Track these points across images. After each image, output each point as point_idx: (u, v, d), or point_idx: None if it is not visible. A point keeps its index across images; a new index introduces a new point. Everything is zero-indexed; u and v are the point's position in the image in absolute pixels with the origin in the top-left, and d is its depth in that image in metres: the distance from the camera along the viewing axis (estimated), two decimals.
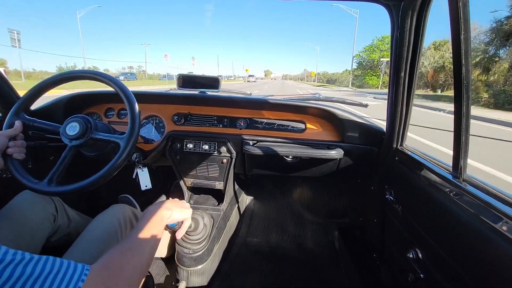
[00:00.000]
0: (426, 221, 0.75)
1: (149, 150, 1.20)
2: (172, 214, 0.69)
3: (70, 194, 0.74)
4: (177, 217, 0.72)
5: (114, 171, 0.76)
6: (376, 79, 31.14)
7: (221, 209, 1.34)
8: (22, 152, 0.76)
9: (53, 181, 0.75)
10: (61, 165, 0.77)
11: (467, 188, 0.64)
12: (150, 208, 0.66)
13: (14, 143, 0.74)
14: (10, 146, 0.73)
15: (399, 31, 0.79)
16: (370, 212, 1.26)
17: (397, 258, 0.94)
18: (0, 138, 0.71)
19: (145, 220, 0.61)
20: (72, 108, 1.20)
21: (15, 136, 0.75)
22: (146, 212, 0.64)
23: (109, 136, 0.84)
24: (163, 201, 0.71)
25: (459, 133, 0.65)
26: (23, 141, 0.77)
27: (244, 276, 1.27)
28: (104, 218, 0.82)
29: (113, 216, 0.83)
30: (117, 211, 0.86)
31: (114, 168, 0.76)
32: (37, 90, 0.85)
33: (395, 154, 0.98)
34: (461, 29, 0.57)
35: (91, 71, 0.88)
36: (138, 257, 0.52)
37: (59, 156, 0.79)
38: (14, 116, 0.79)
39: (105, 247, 0.75)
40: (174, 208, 0.71)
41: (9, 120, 0.78)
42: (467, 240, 0.58)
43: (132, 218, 0.90)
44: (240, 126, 1.24)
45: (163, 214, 0.66)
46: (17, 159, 0.75)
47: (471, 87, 0.62)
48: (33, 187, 0.73)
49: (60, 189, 0.74)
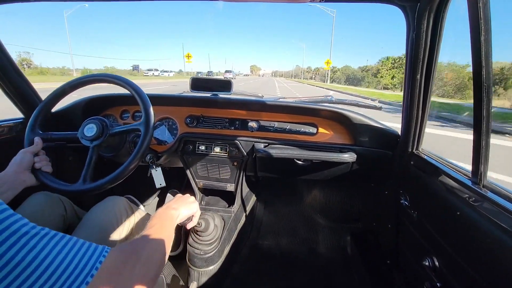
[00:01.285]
0: (443, 227, 0.73)
1: (162, 151, 1.22)
2: (180, 213, 0.71)
3: (104, 187, 0.78)
4: (186, 214, 0.75)
5: (139, 159, 0.80)
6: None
7: (232, 211, 1.35)
8: (49, 165, 0.81)
9: (86, 180, 0.79)
10: (89, 165, 0.82)
11: (488, 194, 0.62)
12: (159, 211, 0.68)
13: (39, 158, 0.79)
14: (36, 161, 0.78)
15: (415, 32, 0.77)
16: (384, 217, 1.23)
17: (412, 265, 0.92)
18: (26, 155, 0.76)
19: (155, 220, 0.62)
20: (90, 110, 1.24)
21: (38, 152, 0.79)
22: (155, 216, 0.65)
23: (127, 126, 0.87)
24: (169, 202, 0.72)
25: (479, 137, 0.62)
26: (46, 156, 0.82)
27: (254, 279, 1.27)
28: (100, 210, 0.85)
29: (109, 208, 0.86)
30: (112, 202, 0.89)
31: (140, 155, 0.80)
32: (52, 98, 0.89)
33: (410, 158, 0.96)
34: (481, 30, 0.56)
35: (107, 74, 0.92)
36: (152, 247, 0.54)
37: (78, 156, 0.83)
38: (31, 133, 0.83)
39: (101, 238, 0.78)
40: (181, 207, 0.73)
41: (28, 138, 0.82)
42: (487, 248, 0.55)
43: (128, 210, 0.93)
44: (251, 128, 1.24)
45: (172, 214, 0.68)
46: (47, 172, 0.79)
47: (492, 90, 0.59)
48: (71, 190, 0.78)
49: (95, 185, 0.78)
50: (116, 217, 0.86)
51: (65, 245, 0.40)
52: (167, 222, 0.64)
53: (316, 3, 0.83)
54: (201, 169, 1.33)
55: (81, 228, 0.79)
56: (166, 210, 0.68)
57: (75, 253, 0.40)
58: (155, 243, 0.55)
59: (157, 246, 0.55)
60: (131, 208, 0.96)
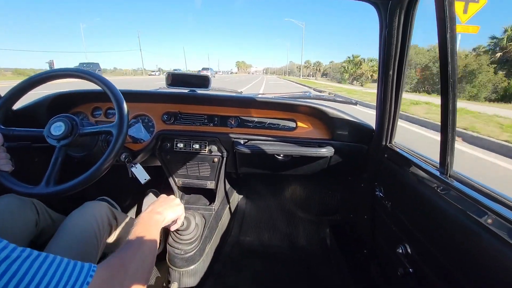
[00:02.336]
0: (414, 217, 0.77)
1: (138, 150, 1.18)
2: (166, 217, 0.69)
3: (72, 190, 0.72)
4: (171, 217, 0.72)
5: (112, 159, 0.75)
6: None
7: (212, 208, 1.33)
8: (8, 163, 0.73)
9: (50, 183, 0.73)
10: (55, 167, 0.75)
11: (454, 183, 0.66)
12: (143, 216, 0.65)
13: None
14: None
15: (387, 29, 0.80)
16: (360, 208, 1.28)
17: (387, 254, 0.96)
18: None
19: (140, 227, 0.60)
20: (57, 108, 1.16)
21: None
22: (139, 222, 0.62)
23: (98, 127, 0.82)
24: (152, 206, 0.69)
25: (445, 130, 0.66)
26: (7, 153, 0.74)
27: (237, 276, 1.27)
28: (80, 216, 0.80)
29: (89, 213, 0.81)
30: (93, 209, 0.84)
31: (113, 156, 0.75)
32: (13, 94, 0.81)
33: (384, 152, 1.00)
34: (447, 28, 0.59)
35: (76, 69, 0.86)
36: (140, 257, 0.52)
37: (45, 156, 0.77)
38: None
39: (84, 245, 0.74)
40: (165, 210, 0.70)
41: None
42: (454, 235, 0.59)
43: (109, 215, 0.88)
44: (231, 124, 1.23)
45: (157, 219, 0.65)
46: (5, 171, 0.72)
47: (457, 84, 0.63)
48: (32, 193, 0.71)
49: (61, 188, 0.72)
50: (97, 223, 0.80)
51: (49, 266, 0.37)
52: (152, 228, 0.62)
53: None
54: (180, 167, 1.30)
55: (60, 236, 0.73)
56: (150, 215, 0.65)
57: (61, 274, 0.38)
58: (142, 253, 0.53)
59: (144, 257, 0.53)
60: (113, 213, 0.91)
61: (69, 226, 0.75)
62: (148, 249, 0.56)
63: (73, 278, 0.38)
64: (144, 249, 0.54)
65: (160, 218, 0.66)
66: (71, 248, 0.70)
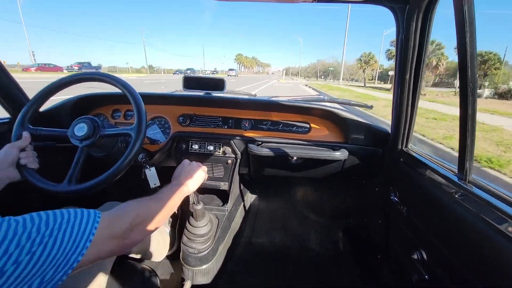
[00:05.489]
0: (431, 222, 0.76)
1: (154, 151, 1.21)
2: (190, 188, 0.78)
3: (93, 189, 0.76)
4: (194, 188, 0.82)
5: (131, 161, 0.78)
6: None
7: (225, 209, 1.35)
8: (35, 161, 0.78)
9: (72, 181, 0.77)
10: (77, 166, 0.79)
11: (473, 190, 0.64)
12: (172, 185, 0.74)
13: (26, 153, 0.76)
14: (22, 157, 0.75)
15: (404, 33, 0.79)
16: (374, 213, 1.26)
17: (401, 259, 0.95)
18: (12, 150, 0.73)
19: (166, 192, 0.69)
20: (79, 109, 1.22)
21: (25, 147, 0.77)
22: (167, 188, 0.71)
23: (118, 130, 0.86)
24: (182, 178, 0.78)
25: (464, 135, 0.65)
26: (34, 151, 0.79)
27: (249, 276, 1.28)
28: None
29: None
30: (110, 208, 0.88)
31: (131, 158, 0.78)
32: (42, 95, 0.86)
33: (400, 155, 0.99)
34: (466, 32, 0.58)
35: (98, 73, 0.90)
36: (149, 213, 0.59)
37: (67, 156, 0.81)
38: (20, 128, 0.80)
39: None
40: (190, 183, 0.79)
41: (16, 132, 0.79)
42: (472, 241, 0.58)
43: None
44: (245, 127, 1.25)
45: (183, 190, 0.74)
46: (32, 168, 0.77)
47: (477, 89, 0.62)
48: (55, 190, 0.75)
49: (82, 186, 0.75)
50: None
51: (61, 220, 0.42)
52: (176, 197, 0.70)
53: (308, 3, 0.84)
54: None
55: None
56: (178, 187, 0.74)
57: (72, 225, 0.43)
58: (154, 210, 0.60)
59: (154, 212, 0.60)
60: None
61: None
62: (163, 210, 0.62)
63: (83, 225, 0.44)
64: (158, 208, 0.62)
65: (185, 189, 0.75)
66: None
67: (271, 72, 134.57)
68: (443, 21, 1.38)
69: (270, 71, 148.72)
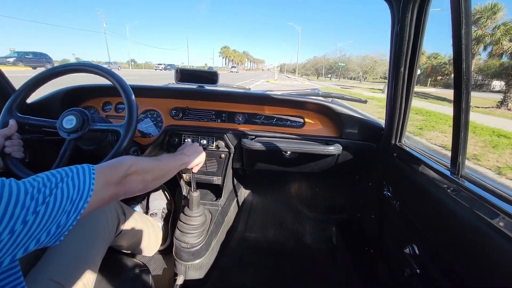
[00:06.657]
0: (423, 217, 0.76)
1: (146, 144, 1.19)
2: (190, 160, 0.80)
3: None
4: (195, 163, 0.85)
5: (121, 153, 0.77)
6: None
7: (219, 204, 1.34)
8: (20, 150, 0.76)
9: None
10: (62, 159, 0.77)
11: (465, 184, 0.64)
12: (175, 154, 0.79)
13: (11, 142, 0.74)
14: (7, 145, 0.73)
15: (399, 26, 0.78)
16: (367, 207, 1.26)
17: (394, 253, 0.95)
18: None
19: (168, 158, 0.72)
20: (69, 101, 1.19)
21: (10, 135, 0.74)
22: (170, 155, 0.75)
23: (107, 125, 0.84)
24: (185, 149, 0.83)
25: (458, 129, 0.64)
26: (20, 140, 0.77)
27: (242, 271, 1.28)
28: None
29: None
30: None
31: (120, 152, 0.77)
32: (30, 85, 0.83)
33: (393, 150, 0.98)
34: (462, 24, 0.57)
35: (88, 63, 0.87)
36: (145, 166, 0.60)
37: (56, 149, 0.78)
38: (7, 115, 0.78)
39: (92, 237, 0.76)
40: (193, 157, 0.82)
41: (3, 119, 0.77)
42: (464, 236, 0.58)
43: (118, 210, 0.90)
44: (238, 121, 1.23)
45: (183, 159, 0.77)
46: (16, 158, 0.74)
47: (471, 83, 0.61)
48: None
49: None
50: (106, 217, 0.83)
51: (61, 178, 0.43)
52: (176, 163, 0.73)
53: None
54: None
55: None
56: (181, 156, 0.77)
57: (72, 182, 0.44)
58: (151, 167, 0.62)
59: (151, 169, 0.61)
60: (121, 207, 0.93)
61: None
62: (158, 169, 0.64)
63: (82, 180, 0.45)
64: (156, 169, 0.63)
65: (185, 159, 0.78)
66: (81, 239, 0.72)
67: (267, 69, 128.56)
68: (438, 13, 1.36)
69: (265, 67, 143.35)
